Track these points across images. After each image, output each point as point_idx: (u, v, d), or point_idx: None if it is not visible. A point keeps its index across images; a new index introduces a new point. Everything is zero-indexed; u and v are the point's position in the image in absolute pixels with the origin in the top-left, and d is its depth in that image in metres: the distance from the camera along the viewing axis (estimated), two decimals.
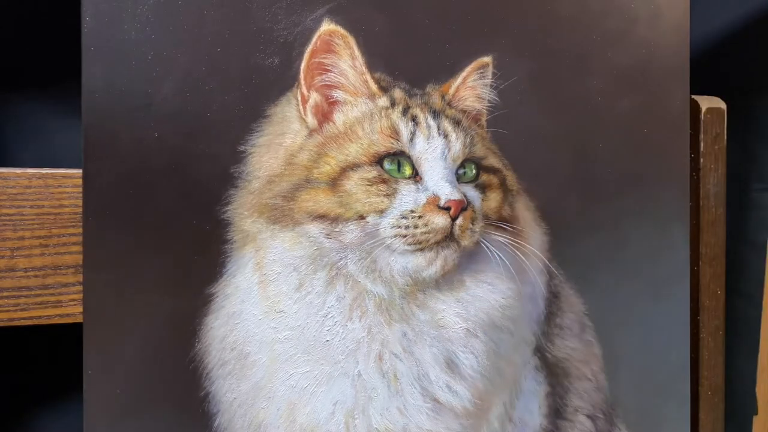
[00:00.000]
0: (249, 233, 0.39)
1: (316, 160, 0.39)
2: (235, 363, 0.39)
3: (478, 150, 0.42)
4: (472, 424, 0.42)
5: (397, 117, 0.40)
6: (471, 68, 0.43)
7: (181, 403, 0.38)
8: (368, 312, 0.40)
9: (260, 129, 0.39)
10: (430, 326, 0.41)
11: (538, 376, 0.45)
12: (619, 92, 0.48)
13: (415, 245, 0.39)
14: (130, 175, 0.37)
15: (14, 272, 0.38)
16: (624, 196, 0.48)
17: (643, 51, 0.48)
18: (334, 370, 0.40)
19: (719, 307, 0.54)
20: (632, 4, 0.48)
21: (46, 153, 0.55)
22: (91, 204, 0.36)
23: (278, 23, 0.39)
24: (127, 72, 0.36)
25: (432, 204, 0.39)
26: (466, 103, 0.43)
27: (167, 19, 0.37)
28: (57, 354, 0.53)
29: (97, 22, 0.36)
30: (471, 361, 0.42)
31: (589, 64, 0.47)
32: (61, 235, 0.39)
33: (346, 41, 0.40)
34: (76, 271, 0.39)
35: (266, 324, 0.39)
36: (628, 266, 0.49)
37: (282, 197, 0.39)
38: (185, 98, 0.37)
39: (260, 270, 0.39)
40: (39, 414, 0.56)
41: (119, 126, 0.36)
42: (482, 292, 0.42)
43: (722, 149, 0.53)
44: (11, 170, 0.38)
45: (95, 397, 0.37)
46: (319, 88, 0.40)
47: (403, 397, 0.40)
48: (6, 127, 0.54)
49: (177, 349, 0.38)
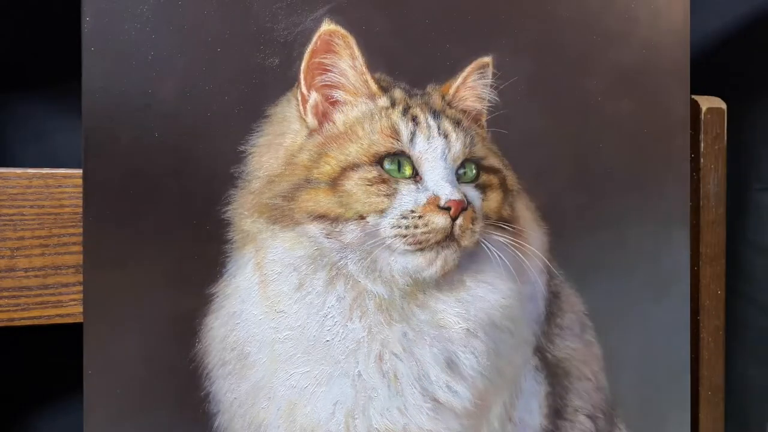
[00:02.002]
0: (249, 233, 0.39)
1: (316, 160, 0.39)
2: (236, 363, 0.39)
3: (478, 150, 0.42)
4: (472, 424, 0.42)
5: (397, 117, 0.40)
6: (471, 68, 0.43)
7: (181, 403, 0.38)
8: (368, 312, 0.40)
9: (260, 129, 0.39)
10: (431, 326, 0.41)
11: (538, 376, 0.45)
12: (620, 92, 0.48)
13: (415, 245, 0.39)
14: (130, 175, 0.37)
15: (14, 272, 0.38)
16: (624, 196, 0.48)
17: (643, 51, 0.48)
18: (334, 370, 0.40)
19: (719, 307, 0.54)
20: (632, 4, 0.48)
21: (46, 153, 0.55)
22: (91, 204, 0.36)
23: (278, 23, 0.39)
24: (127, 72, 0.36)
25: (432, 204, 0.39)
26: (466, 103, 0.43)
27: (167, 19, 0.37)
28: (57, 354, 0.53)
29: (97, 22, 0.36)
30: (471, 361, 0.42)
31: (589, 64, 0.47)
32: (61, 235, 0.39)
33: (346, 41, 0.40)
34: (76, 271, 0.39)
35: (266, 324, 0.39)
36: (628, 266, 0.49)
37: (282, 197, 0.39)
38: (185, 98, 0.37)
39: (260, 270, 0.39)
40: (39, 414, 0.56)
41: (119, 126, 0.36)
42: (482, 292, 0.42)
43: (722, 149, 0.53)
44: (11, 170, 0.38)
45: (95, 397, 0.37)
46: (319, 88, 0.40)
47: (403, 397, 0.40)
48: (6, 127, 0.54)
49: (177, 349, 0.38)
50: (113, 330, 0.37)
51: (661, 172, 0.50)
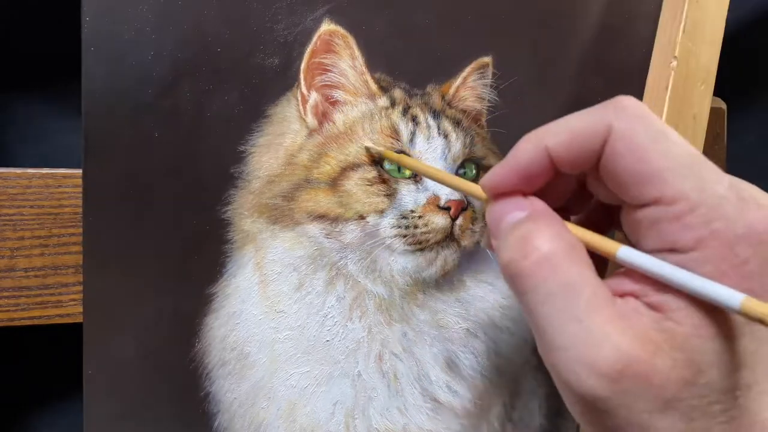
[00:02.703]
0: (249, 233, 0.39)
1: (316, 160, 0.39)
2: (235, 363, 0.39)
3: (478, 150, 0.42)
4: (472, 424, 0.42)
5: (397, 117, 0.40)
6: (471, 68, 0.43)
7: (181, 403, 0.38)
8: (368, 312, 0.40)
9: (260, 129, 0.39)
10: (431, 326, 0.41)
11: (538, 376, 0.45)
12: (619, 92, 0.48)
13: (415, 245, 0.39)
14: (130, 175, 0.37)
15: (14, 272, 0.38)
16: None
17: (644, 51, 0.48)
18: (334, 370, 0.40)
19: None
20: (632, 4, 0.48)
21: (46, 153, 0.55)
22: (91, 204, 0.36)
23: (278, 23, 0.39)
24: (127, 72, 0.36)
25: (432, 204, 0.39)
26: (466, 103, 0.43)
27: (167, 19, 0.37)
28: (57, 354, 0.53)
29: (97, 22, 0.36)
30: (471, 361, 0.42)
31: (589, 64, 0.47)
32: (61, 235, 0.39)
33: (346, 41, 0.40)
34: (76, 271, 0.39)
35: (266, 324, 0.39)
36: None
37: (282, 197, 0.39)
38: (185, 98, 0.37)
39: (260, 270, 0.39)
40: (39, 414, 0.56)
41: (119, 126, 0.36)
42: (482, 292, 0.42)
43: (722, 149, 0.53)
44: (11, 170, 0.38)
45: (95, 397, 0.37)
46: (319, 88, 0.40)
47: (403, 397, 0.40)
48: (6, 127, 0.54)
49: (177, 349, 0.38)
50: (113, 330, 0.37)
51: None
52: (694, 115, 0.46)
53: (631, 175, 0.26)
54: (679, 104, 0.46)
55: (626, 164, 0.26)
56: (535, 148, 0.28)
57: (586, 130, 0.27)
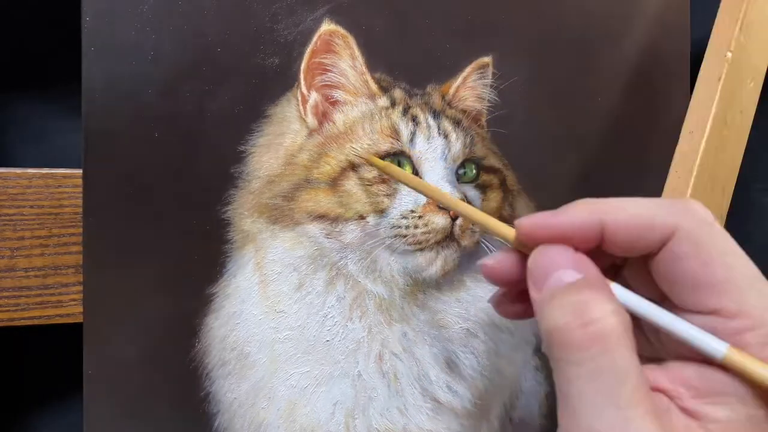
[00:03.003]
0: (249, 233, 0.39)
1: (316, 160, 0.39)
2: (235, 363, 0.39)
3: (478, 150, 0.42)
4: (472, 424, 0.42)
5: (397, 117, 0.40)
6: (471, 68, 0.43)
7: (181, 403, 0.38)
8: (368, 312, 0.40)
9: (260, 129, 0.39)
10: (431, 326, 0.41)
11: (538, 377, 0.45)
12: (619, 92, 0.48)
13: (415, 245, 0.39)
14: (130, 175, 0.37)
15: (14, 272, 0.38)
16: (624, 195, 0.48)
17: (644, 51, 0.48)
18: (334, 370, 0.40)
19: None
20: (632, 4, 0.48)
21: (47, 153, 0.55)
22: (91, 204, 0.36)
23: (278, 23, 0.39)
24: (127, 72, 0.36)
25: (432, 204, 0.39)
26: (466, 103, 0.43)
27: (167, 19, 0.37)
28: (57, 354, 0.53)
29: (97, 22, 0.36)
30: (471, 361, 0.42)
31: (589, 64, 0.47)
32: (61, 235, 0.39)
33: (346, 41, 0.40)
34: (76, 271, 0.39)
35: (266, 324, 0.39)
36: None
37: (282, 197, 0.39)
38: (185, 98, 0.37)
39: (260, 270, 0.39)
40: (39, 414, 0.56)
41: (119, 126, 0.36)
42: (482, 292, 0.42)
43: None
44: (11, 170, 0.38)
45: (95, 397, 0.37)
46: (319, 88, 0.40)
47: (403, 397, 0.40)
48: (6, 127, 0.54)
49: (177, 349, 0.38)
50: (113, 330, 0.37)
51: (661, 172, 0.50)
52: (741, 110, 0.47)
53: (692, 280, 0.25)
54: (729, 97, 0.46)
55: (688, 268, 0.25)
56: (591, 216, 0.26)
57: (650, 221, 0.26)
